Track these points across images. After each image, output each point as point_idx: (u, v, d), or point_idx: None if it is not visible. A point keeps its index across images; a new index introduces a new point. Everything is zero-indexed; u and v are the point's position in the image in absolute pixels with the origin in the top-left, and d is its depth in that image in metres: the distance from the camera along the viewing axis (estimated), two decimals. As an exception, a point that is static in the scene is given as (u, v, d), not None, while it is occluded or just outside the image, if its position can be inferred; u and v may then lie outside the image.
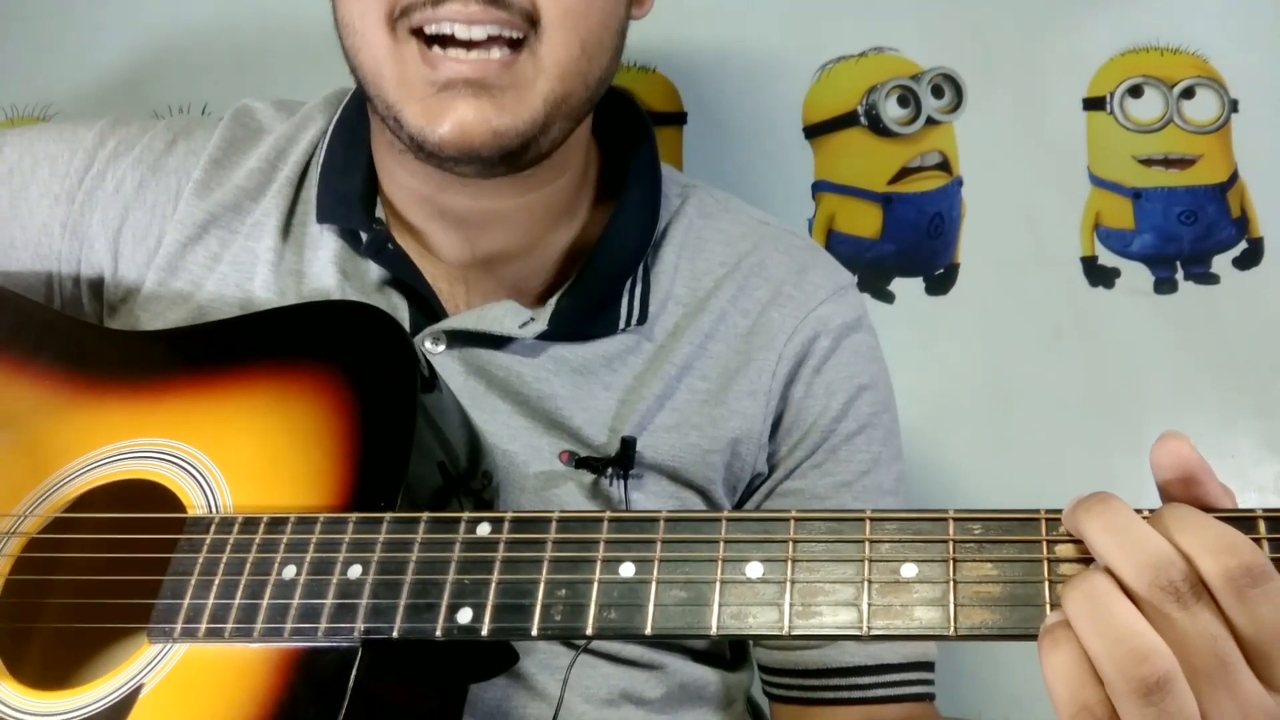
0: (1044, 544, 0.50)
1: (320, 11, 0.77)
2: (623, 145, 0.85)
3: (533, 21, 0.69)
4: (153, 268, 0.80)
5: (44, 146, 0.83)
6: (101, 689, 0.60)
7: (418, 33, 0.70)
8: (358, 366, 0.67)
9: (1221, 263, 1.11)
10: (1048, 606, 0.49)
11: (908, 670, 0.80)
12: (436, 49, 0.69)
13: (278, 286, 0.79)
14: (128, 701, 0.59)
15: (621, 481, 0.76)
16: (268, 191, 0.82)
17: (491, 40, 0.69)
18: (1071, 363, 1.11)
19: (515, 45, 0.70)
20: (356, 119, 0.83)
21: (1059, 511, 0.50)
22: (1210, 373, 1.10)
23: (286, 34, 1.23)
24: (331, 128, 0.84)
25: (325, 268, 0.79)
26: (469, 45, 0.69)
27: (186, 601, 0.60)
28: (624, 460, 0.75)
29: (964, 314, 1.13)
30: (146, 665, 0.60)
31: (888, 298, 1.14)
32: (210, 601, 0.59)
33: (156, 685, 0.59)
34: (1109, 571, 0.46)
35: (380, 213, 0.81)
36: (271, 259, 0.80)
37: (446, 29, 0.69)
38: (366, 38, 0.71)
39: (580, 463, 0.76)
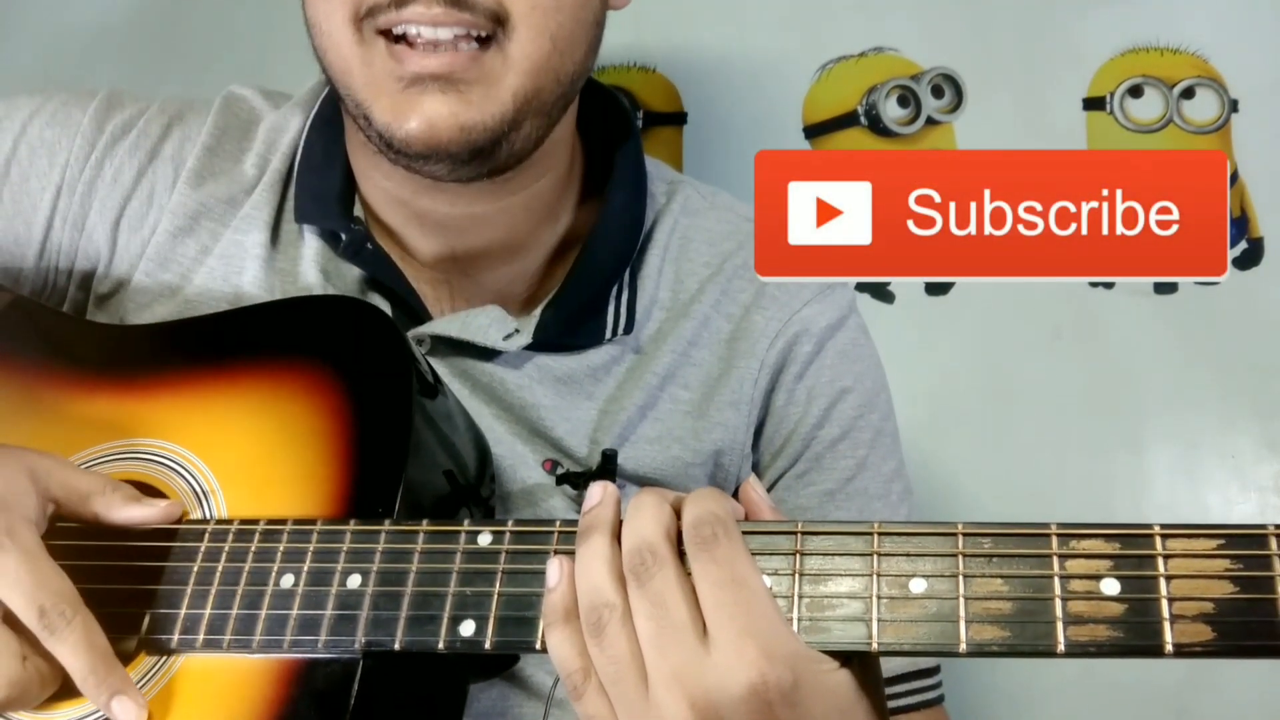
0: (1055, 559, 0.49)
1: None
2: (607, 141, 0.82)
3: (500, 20, 0.68)
4: (144, 258, 0.79)
5: (38, 131, 0.80)
6: None
7: (384, 33, 0.68)
8: (351, 365, 0.66)
9: (1221, 263, 1.11)
10: (1059, 624, 0.48)
11: (911, 680, 0.78)
12: (404, 45, 0.68)
13: (267, 283, 0.78)
14: None
15: None
16: (260, 184, 0.80)
17: (458, 39, 0.68)
18: (1071, 363, 1.11)
19: (484, 41, 0.68)
20: (332, 115, 0.81)
21: (1071, 526, 0.49)
22: (1210, 373, 1.09)
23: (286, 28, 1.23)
24: (309, 124, 0.82)
25: (309, 266, 0.78)
26: (435, 43, 0.68)
27: (183, 611, 0.59)
28: (605, 475, 0.74)
29: (964, 314, 1.13)
30: (144, 676, 0.59)
31: (888, 298, 1.14)
32: (207, 611, 0.59)
33: (155, 696, 0.58)
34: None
35: (359, 211, 0.79)
36: (261, 254, 0.78)
37: (412, 30, 0.68)
38: (334, 38, 0.70)
39: (562, 479, 0.75)
